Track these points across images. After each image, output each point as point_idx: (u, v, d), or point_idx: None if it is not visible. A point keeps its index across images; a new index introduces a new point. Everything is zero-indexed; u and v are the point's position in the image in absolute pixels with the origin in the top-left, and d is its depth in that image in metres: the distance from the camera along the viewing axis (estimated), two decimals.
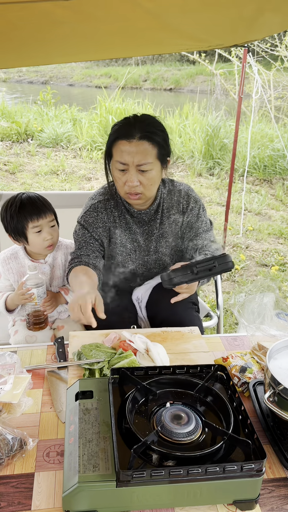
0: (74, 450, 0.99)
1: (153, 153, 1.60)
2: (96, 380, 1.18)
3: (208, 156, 6.93)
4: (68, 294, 1.92)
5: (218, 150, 6.94)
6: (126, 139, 1.58)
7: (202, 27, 1.73)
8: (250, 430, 1.05)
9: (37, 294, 1.70)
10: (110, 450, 0.98)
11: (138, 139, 1.57)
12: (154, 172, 1.63)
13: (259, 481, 0.97)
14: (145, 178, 1.62)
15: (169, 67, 16.94)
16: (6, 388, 1.21)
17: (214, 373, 1.23)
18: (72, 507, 0.94)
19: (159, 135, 1.62)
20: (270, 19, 1.62)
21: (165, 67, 17.04)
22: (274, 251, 4.46)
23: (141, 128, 1.59)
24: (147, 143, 1.59)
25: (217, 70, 8.43)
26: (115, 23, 1.51)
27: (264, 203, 5.64)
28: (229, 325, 3.21)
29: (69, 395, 1.16)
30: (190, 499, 0.97)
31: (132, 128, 1.58)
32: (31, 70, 17.70)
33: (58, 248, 1.93)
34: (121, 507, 0.96)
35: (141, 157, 1.58)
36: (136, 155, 1.57)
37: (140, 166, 1.59)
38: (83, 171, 6.57)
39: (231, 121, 7.56)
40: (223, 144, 6.98)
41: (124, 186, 1.64)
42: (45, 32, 1.50)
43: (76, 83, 17.13)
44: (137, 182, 1.61)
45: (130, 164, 1.59)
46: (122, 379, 1.20)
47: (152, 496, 0.95)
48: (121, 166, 1.60)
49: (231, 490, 0.97)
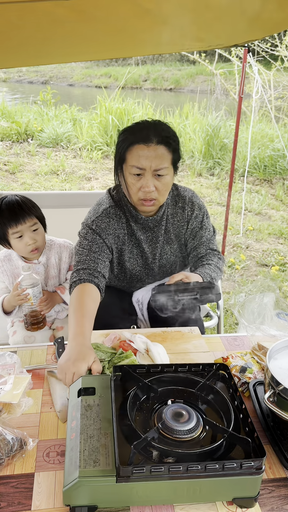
0: (75, 446, 0.99)
1: (169, 158, 1.59)
2: (98, 377, 1.19)
3: (208, 156, 6.92)
4: (65, 293, 1.91)
5: (218, 150, 6.94)
6: (144, 143, 1.55)
7: (202, 27, 1.73)
8: (251, 428, 1.05)
9: (33, 294, 1.70)
10: (111, 446, 0.99)
11: (156, 143, 1.55)
12: (169, 178, 1.62)
13: (259, 479, 0.97)
14: (160, 183, 1.59)
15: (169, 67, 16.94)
16: (6, 388, 1.21)
17: (216, 372, 1.24)
18: (72, 502, 0.95)
19: (174, 140, 1.61)
20: (271, 18, 1.62)
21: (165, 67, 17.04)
22: (274, 251, 4.46)
23: (157, 132, 1.57)
24: (164, 147, 1.57)
25: (217, 70, 8.43)
26: (115, 23, 1.51)
27: (264, 203, 5.64)
28: (229, 325, 3.21)
29: (72, 392, 1.17)
30: (189, 495, 0.98)
31: (150, 133, 1.56)
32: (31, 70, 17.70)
33: (51, 247, 1.92)
34: (121, 502, 0.97)
35: (159, 161, 1.56)
36: (154, 160, 1.55)
37: (158, 171, 1.57)
38: (83, 171, 6.57)
39: (231, 121, 7.56)
40: (223, 144, 6.98)
41: (138, 192, 1.60)
42: (45, 32, 1.50)
43: (76, 83, 17.13)
44: (153, 187, 1.58)
45: (147, 169, 1.56)
46: (124, 377, 1.21)
47: (151, 492, 0.96)
48: (137, 171, 1.57)
49: (231, 487, 0.98)
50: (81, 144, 7.58)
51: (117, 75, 15.99)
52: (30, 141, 7.76)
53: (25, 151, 7.38)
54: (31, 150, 7.30)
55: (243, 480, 0.96)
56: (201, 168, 6.75)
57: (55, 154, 7.34)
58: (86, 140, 7.59)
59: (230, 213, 5.24)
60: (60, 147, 7.64)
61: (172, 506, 1.00)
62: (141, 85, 15.97)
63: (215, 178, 6.51)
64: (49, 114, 8.45)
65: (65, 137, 7.77)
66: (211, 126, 7.00)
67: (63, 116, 8.40)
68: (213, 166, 6.83)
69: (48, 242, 1.93)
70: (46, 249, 1.91)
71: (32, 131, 7.93)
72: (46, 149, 7.54)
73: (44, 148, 7.60)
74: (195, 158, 6.96)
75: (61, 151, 7.49)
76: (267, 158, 6.65)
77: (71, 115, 8.49)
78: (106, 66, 18.02)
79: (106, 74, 16.94)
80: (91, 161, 7.08)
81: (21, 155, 7.18)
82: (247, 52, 2.82)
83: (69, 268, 1.98)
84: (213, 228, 1.89)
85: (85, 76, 17.40)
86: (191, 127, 7.61)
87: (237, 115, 3.10)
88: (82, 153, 7.34)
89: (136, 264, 1.81)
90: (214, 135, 6.93)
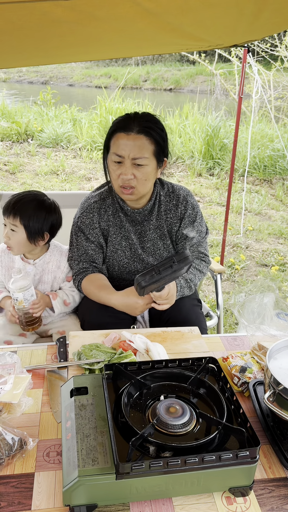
0: (72, 446, 1.00)
1: (149, 149, 1.61)
2: (90, 377, 1.20)
3: (208, 156, 6.93)
4: (56, 299, 1.87)
5: (218, 150, 6.94)
6: (124, 131, 1.59)
7: (202, 27, 1.73)
8: (243, 419, 1.07)
9: (24, 298, 1.68)
10: (108, 444, 1.00)
11: (136, 133, 1.59)
12: (149, 169, 1.64)
13: (254, 468, 1.00)
14: (139, 172, 1.62)
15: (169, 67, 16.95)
16: (6, 388, 1.21)
17: (206, 366, 1.25)
18: (72, 501, 0.95)
19: (157, 132, 1.63)
20: (270, 19, 1.62)
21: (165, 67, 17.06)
22: (274, 251, 4.46)
23: (140, 122, 1.60)
24: (144, 137, 1.60)
25: (217, 70, 8.44)
26: (115, 23, 1.51)
27: (264, 203, 5.64)
28: (229, 325, 3.21)
29: (64, 392, 1.17)
30: (187, 488, 0.99)
31: (131, 122, 1.60)
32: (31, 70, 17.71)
33: (52, 251, 1.89)
34: (120, 499, 0.98)
35: (137, 151, 1.59)
36: (133, 148, 1.58)
37: (136, 160, 1.60)
38: (83, 171, 6.57)
39: (231, 121, 7.56)
40: (223, 144, 6.98)
41: (118, 179, 1.65)
42: (45, 32, 1.50)
43: (76, 83, 17.14)
44: (131, 175, 1.62)
45: (126, 157, 1.60)
46: (116, 375, 1.22)
47: (150, 487, 0.97)
48: (117, 158, 1.61)
49: (227, 477, 1.00)
50: (81, 144, 7.58)
51: (117, 75, 16.00)
52: (30, 141, 7.77)
53: (25, 151, 7.38)
54: (31, 150, 7.31)
55: (239, 470, 0.99)
56: (201, 168, 6.75)
57: (55, 154, 7.34)
58: (86, 140, 7.59)
59: (230, 213, 5.25)
60: (60, 147, 7.64)
61: (171, 500, 1.00)
62: (141, 85, 15.99)
63: (215, 178, 6.51)
64: (49, 114, 8.45)
65: (65, 137, 7.77)
66: (211, 126, 7.00)
67: (63, 116, 8.40)
68: (213, 166, 6.83)
69: (52, 247, 1.90)
70: (47, 253, 1.88)
71: (32, 131, 7.93)
72: (46, 149, 7.54)
73: (44, 148, 7.60)
74: (195, 158, 6.96)
75: (61, 151, 7.49)
76: (267, 158, 6.65)
77: (71, 115, 8.49)
78: (106, 66, 18.03)
79: (106, 74, 16.95)
80: (91, 161, 7.09)
81: (21, 155, 7.18)
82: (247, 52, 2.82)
83: (66, 279, 1.92)
84: (206, 229, 1.90)
85: (85, 76, 17.41)
86: (191, 127, 7.61)
87: (237, 115, 3.10)
88: (82, 153, 7.34)
89: (124, 256, 1.83)
90: (214, 135, 6.94)
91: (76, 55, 2.39)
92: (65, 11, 1.25)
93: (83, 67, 18.23)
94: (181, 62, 16.94)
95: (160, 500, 1.01)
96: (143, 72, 16.57)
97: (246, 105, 7.56)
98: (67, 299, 1.88)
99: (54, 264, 1.89)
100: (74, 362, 1.40)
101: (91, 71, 17.76)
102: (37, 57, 2.20)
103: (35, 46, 1.78)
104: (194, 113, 8.13)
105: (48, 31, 1.51)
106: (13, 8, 1.16)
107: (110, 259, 1.85)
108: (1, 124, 7.96)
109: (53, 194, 2.27)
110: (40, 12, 1.23)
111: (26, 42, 1.66)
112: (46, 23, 1.38)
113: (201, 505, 1.00)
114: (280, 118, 8.08)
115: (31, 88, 15.60)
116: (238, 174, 6.38)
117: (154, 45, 2.16)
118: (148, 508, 0.99)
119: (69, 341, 1.52)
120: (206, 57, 8.59)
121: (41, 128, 7.90)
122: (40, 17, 1.29)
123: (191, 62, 15.28)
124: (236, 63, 7.43)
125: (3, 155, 7.07)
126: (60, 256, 1.90)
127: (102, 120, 7.71)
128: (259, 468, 1.10)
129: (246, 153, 6.21)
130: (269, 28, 1.87)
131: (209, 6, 1.39)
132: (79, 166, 6.84)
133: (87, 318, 1.81)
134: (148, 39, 1.91)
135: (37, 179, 6.23)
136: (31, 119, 8.19)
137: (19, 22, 1.32)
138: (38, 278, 1.89)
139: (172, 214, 1.81)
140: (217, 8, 1.43)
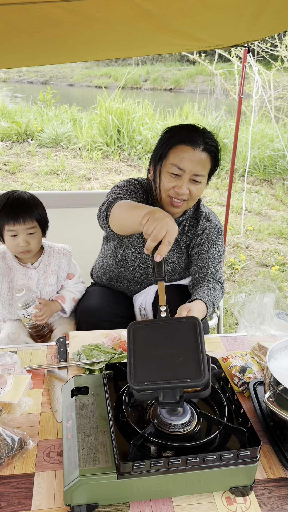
0: (73, 445, 1.00)
1: (208, 167, 1.60)
2: (91, 376, 1.20)
3: None
4: (65, 302, 1.88)
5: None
6: (191, 145, 1.55)
7: (202, 27, 1.73)
8: (244, 418, 1.07)
9: (26, 314, 1.71)
10: (109, 444, 1.00)
11: (202, 150, 1.56)
12: (202, 186, 1.62)
13: (255, 468, 1.00)
14: (195, 188, 1.60)
15: (169, 67, 16.95)
16: (6, 388, 1.22)
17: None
18: (73, 501, 0.95)
19: (216, 153, 1.62)
20: (271, 20, 1.62)
21: (165, 67, 17.05)
22: (274, 251, 4.46)
23: (205, 140, 1.57)
24: (207, 155, 1.58)
25: (217, 70, 8.44)
26: (115, 24, 1.51)
27: (264, 203, 5.64)
28: (229, 325, 3.21)
29: (65, 392, 1.17)
30: (188, 487, 0.99)
31: (199, 137, 1.56)
32: (31, 70, 17.70)
33: (50, 253, 1.87)
34: (121, 498, 0.98)
35: (200, 168, 1.56)
36: (196, 165, 1.55)
37: (195, 176, 1.57)
38: (83, 171, 6.57)
39: (231, 121, 7.56)
40: (223, 144, 6.98)
41: (170, 190, 1.60)
42: (44, 32, 1.50)
43: (76, 83, 17.14)
44: (186, 190, 1.58)
45: (187, 171, 1.56)
46: (116, 374, 1.22)
47: (151, 486, 0.97)
48: (176, 171, 1.56)
49: (228, 477, 1.00)
50: (81, 144, 7.58)
51: (117, 75, 15.99)
52: (30, 141, 7.76)
53: (25, 151, 7.38)
54: (31, 150, 7.30)
55: (240, 470, 0.99)
56: None
57: (55, 154, 7.34)
58: (86, 140, 7.59)
59: (230, 213, 5.25)
60: (60, 147, 7.64)
61: (171, 500, 1.00)
62: (141, 85, 15.98)
63: (215, 178, 6.49)
64: (49, 114, 8.45)
65: (65, 137, 7.77)
66: (211, 126, 7.01)
67: (63, 116, 8.39)
68: None
69: (46, 248, 1.88)
70: (44, 255, 1.86)
71: (32, 131, 7.92)
72: (46, 149, 7.54)
73: (44, 148, 7.60)
74: None
75: (61, 151, 7.49)
76: (267, 158, 6.65)
77: (71, 115, 8.49)
78: (106, 66, 18.02)
79: (106, 74, 16.94)
80: (91, 161, 7.08)
81: (21, 155, 7.18)
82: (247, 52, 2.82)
83: (67, 277, 1.93)
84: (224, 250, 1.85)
85: (85, 76, 17.40)
86: None
87: (237, 115, 3.10)
88: (82, 153, 7.34)
89: (135, 257, 1.79)
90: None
91: (76, 55, 2.39)
92: (65, 12, 1.25)
93: (83, 67, 18.22)
94: (181, 62, 16.94)
95: (160, 500, 1.01)
96: (143, 72, 16.56)
97: (246, 105, 7.56)
98: (75, 296, 1.91)
99: (55, 264, 1.89)
100: (74, 362, 1.40)
101: (91, 71, 17.75)
102: (37, 58, 2.19)
103: (35, 47, 1.78)
104: (194, 113, 8.14)
105: (48, 32, 1.51)
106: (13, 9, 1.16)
107: (124, 257, 1.81)
108: (1, 124, 7.96)
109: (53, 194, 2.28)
110: (40, 13, 1.23)
111: (26, 43, 1.66)
112: (45, 24, 1.38)
113: (201, 505, 1.00)
114: (280, 118, 8.08)
115: (31, 88, 15.60)
116: (238, 174, 6.38)
117: (154, 46, 2.16)
118: (148, 508, 0.99)
119: (69, 341, 1.53)
120: (206, 57, 8.59)
121: (41, 128, 7.90)
122: (39, 18, 1.29)
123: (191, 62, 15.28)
124: (236, 63, 7.43)
125: (3, 155, 7.07)
126: (58, 255, 1.90)
127: (102, 120, 7.71)
128: (259, 468, 1.10)
129: (246, 153, 6.21)
130: (269, 29, 1.87)
131: (209, 8, 1.39)
132: (79, 166, 6.84)
133: (84, 319, 1.81)
134: (148, 40, 1.91)
135: (37, 179, 6.23)
136: (31, 119, 8.18)
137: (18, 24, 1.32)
138: (42, 282, 1.87)
139: (193, 230, 1.78)
140: (217, 10, 1.43)
